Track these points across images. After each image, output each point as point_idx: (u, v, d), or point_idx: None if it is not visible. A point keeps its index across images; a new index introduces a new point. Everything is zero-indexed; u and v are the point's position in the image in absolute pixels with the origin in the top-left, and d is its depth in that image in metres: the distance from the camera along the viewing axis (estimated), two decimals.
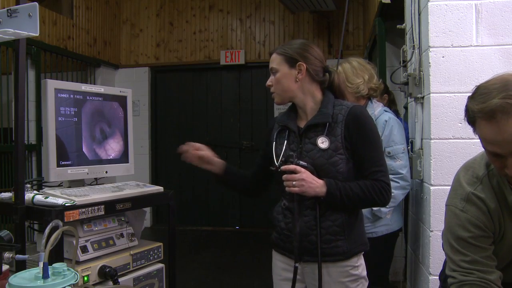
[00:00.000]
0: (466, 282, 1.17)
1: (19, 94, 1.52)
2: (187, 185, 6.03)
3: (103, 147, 1.98)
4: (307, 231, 1.51)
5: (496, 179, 1.19)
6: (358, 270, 1.54)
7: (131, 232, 1.90)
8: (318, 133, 1.51)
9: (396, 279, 3.35)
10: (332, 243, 1.50)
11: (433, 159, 1.92)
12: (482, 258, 1.17)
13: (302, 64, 1.54)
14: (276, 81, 1.58)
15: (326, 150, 1.48)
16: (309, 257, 1.52)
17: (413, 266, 2.28)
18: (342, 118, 1.50)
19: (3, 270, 1.12)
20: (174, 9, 6.05)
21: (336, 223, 1.50)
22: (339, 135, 1.49)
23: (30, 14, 1.25)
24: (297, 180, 1.45)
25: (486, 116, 1.04)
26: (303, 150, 1.52)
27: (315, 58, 1.57)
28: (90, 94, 1.92)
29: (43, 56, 4.56)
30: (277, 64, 1.57)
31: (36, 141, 4.44)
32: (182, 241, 4.97)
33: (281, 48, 1.58)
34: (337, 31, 5.60)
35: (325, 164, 1.48)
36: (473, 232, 1.18)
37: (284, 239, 1.58)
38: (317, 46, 1.61)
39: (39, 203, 1.60)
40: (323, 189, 1.46)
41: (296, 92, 1.57)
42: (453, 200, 1.25)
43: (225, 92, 6.07)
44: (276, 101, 1.62)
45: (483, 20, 1.88)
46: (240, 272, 4.17)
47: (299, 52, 1.54)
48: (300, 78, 1.55)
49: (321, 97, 1.58)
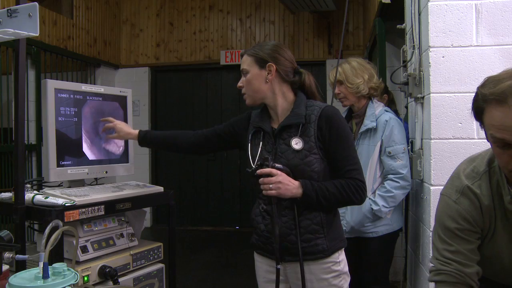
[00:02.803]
0: (442, 271, 1.19)
1: (19, 94, 1.52)
2: (187, 185, 6.03)
3: (103, 147, 1.98)
4: (286, 231, 1.52)
5: (496, 178, 1.19)
6: (340, 266, 1.56)
7: (131, 232, 1.90)
8: (291, 134, 1.53)
9: (396, 279, 3.35)
10: (312, 241, 1.51)
11: (433, 159, 1.92)
12: (465, 250, 1.19)
13: (272, 65, 1.55)
14: (247, 82, 1.60)
15: (300, 150, 1.50)
16: (290, 257, 1.53)
17: (413, 266, 2.28)
18: (314, 118, 1.52)
19: (3, 270, 1.12)
20: (174, 9, 6.05)
21: (315, 221, 1.52)
22: (312, 135, 1.51)
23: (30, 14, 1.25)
24: (273, 183, 1.46)
25: (497, 99, 1.02)
26: (278, 151, 1.54)
27: (285, 59, 1.58)
28: (90, 94, 1.92)
29: (43, 56, 4.56)
30: (247, 65, 1.59)
31: (36, 141, 4.43)
32: (182, 241, 4.97)
33: (252, 50, 1.60)
34: (337, 31, 5.60)
35: (300, 165, 1.50)
36: (461, 224, 1.20)
37: (264, 240, 1.59)
38: (288, 48, 1.63)
39: (39, 203, 1.60)
40: (299, 190, 1.47)
41: (267, 93, 1.58)
42: (448, 191, 1.26)
43: (225, 92, 6.07)
44: (247, 102, 1.64)
45: (483, 20, 1.88)
46: (240, 272, 4.17)
47: (269, 53, 1.56)
48: (270, 79, 1.56)
49: (293, 97, 1.60)
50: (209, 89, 6.13)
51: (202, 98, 6.11)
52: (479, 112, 1.10)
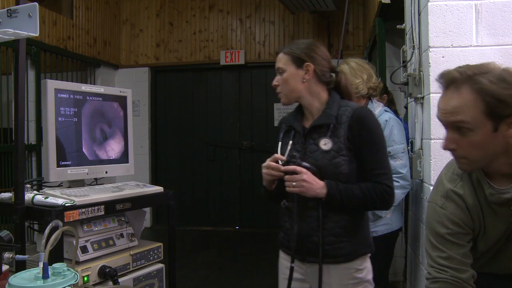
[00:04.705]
0: (439, 279, 1.20)
1: (19, 94, 1.52)
2: (187, 185, 6.03)
3: (103, 147, 1.98)
4: (309, 232, 1.50)
5: (476, 175, 1.21)
6: (362, 273, 1.53)
7: (131, 232, 1.90)
8: (321, 134, 1.51)
9: (396, 279, 3.36)
10: (335, 244, 1.49)
11: (433, 159, 1.92)
12: (458, 255, 1.19)
13: (310, 65, 1.53)
14: (282, 81, 1.57)
15: (328, 151, 1.48)
16: (312, 258, 1.52)
17: (413, 266, 2.28)
18: (346, 119, 1.50)
19: (3, 270, 1.12)
20: (174, 9, 6.05)
21: (339, 224, 1.50)
22: (342, 136, 1.48)
23: (30, 14, 1.25)
24: (297, 180, 1.45)
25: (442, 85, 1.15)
26: (307, 150, 1.52)
27: (322, 58, 1.56)
28: (90, 94, 1.92)
29: (43, 56, 4.56)
30: (283, 64, 1.56)
31: (36, 141, 4.43)
32: (182, 241, 4.97)
33: (288, 48, 1.57)
34: (337, 31, 5.60)
35: (328, 165, 1.48)
36: (451, 228, 1.21)
37: (289, 238, 1.58)
38: (323, 46, 1.60)
39: (39, 203, 1.60)
40: (323, 191, 1.46)
41: (303, 93, 1.56)
42: (434, 197, 1.28)
43: (225, 92, 6.07)
44: (283, 101, 1.61)
45: (483, 20, 1.88)
46: (240, 272, 4.17)
47: (306, 52, 1.54)
48: (307, 79, 1.54)
49: (326, 97, 1.57)
50: (209, 89, 6.13)
51: (202, 98, 6.11)
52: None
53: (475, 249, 1.24)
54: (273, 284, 1.75)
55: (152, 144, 6.14)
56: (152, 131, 6.14)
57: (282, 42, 5.81)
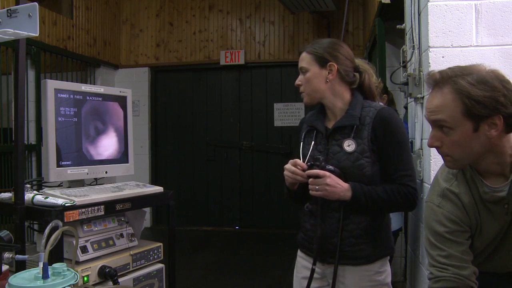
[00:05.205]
0: (441, 277, 1.21)
1: (19, 94, 1.52)
2: (187, 185, 6.03)
3: (103, 147, 1.98)
4: (330, 233, 1.49)
5: (470, 173, 1.23)
6: (382, 276, 1.51)
7: (131, 232, 1.90)
8: (345, 135, 1.49)
9: (396, 279, 3.35)
10: (355, 246, 1.48)
11: (433, 159, 1.92)
12: (458, 252, 1.21)
13: (333, 65, 1.51)
14: (306, 81, 1.55)
15: (352, 153, 1.47)
16: (331, 259, 1.51)
17: (413, 266, 2.28)
18: (369, 120, 1.48)
19: (3, 270, 1.12)
20: (174, 9, 6.05)
21: (360, 226, 1.49)
22: (365, 137, 1.47)
23: (30, 14, 1.25)
24: (320, 184, 1.43)
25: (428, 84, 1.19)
26: (330, 152, 1.51)
27: (346, 58, 1.54)
28: (90, 94, 1.92)
29: (43, 56, 4.56)
30: (307, 64, 1.54)
31: (36, 141, 4.43)
32: (182, 241, 4.96)
33: (311, 47, 1.54)
34: (337, 31, 5.60)
35: (351, 167, 1.46)
36: (449, 227, 1.22)
37: (309, 240, 1.57)
38: (347, 45, 1.57)
39: (39, 203, 1.60)
40: (347, 193, 1.44)
41: (326, 93, 1.54)
42: (431, 197, 1.29)
43: (225, 92, 6.07)
44: (305, 101, 1.59)
45: (483, 20, 1.88)
46: (240, 272, 4.17)
47: (330, 52, 1.51)
48: (331, 79, 1.52)
49: (349, 98, 1.55)
50: (209, 89, 6.13)
51: (202, 98, 6.11)
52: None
53: (472, 248, 1.25)
54: (273, 284, 1.75)
55: (152, 144, 6.14)
56: (152, 131, 6.14)
57: (282, 42, 5.82)
